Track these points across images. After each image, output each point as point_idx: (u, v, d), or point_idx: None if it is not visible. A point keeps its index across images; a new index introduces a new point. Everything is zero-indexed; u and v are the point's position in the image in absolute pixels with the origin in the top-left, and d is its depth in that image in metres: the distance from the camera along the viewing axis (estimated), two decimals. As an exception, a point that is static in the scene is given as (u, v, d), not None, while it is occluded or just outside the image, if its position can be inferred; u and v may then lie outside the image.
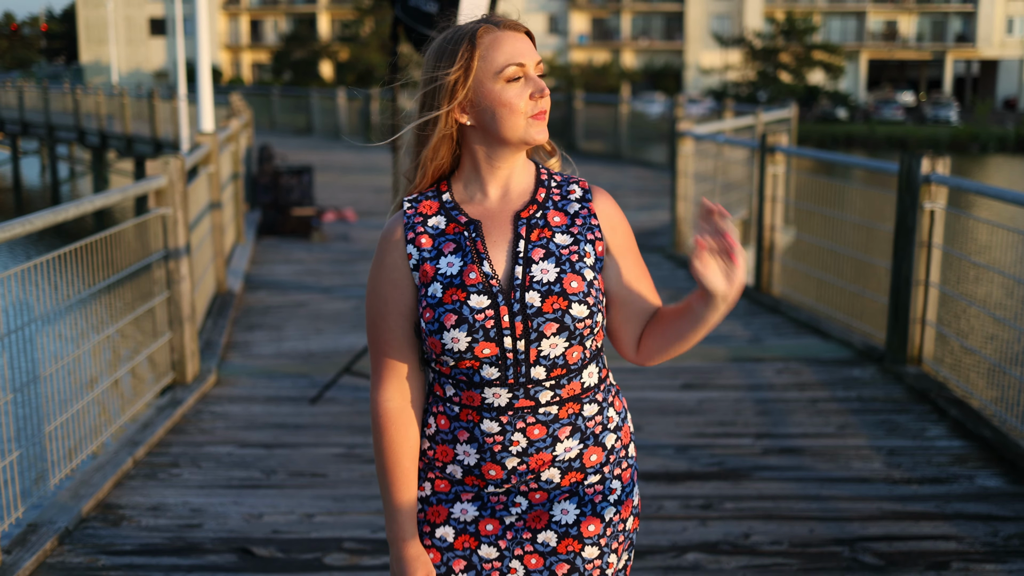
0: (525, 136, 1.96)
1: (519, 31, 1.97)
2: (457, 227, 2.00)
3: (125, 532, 4.20)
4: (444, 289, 1.94)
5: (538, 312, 1.92)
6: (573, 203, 2.04)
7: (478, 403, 1.96)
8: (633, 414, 5.59)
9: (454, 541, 2.03)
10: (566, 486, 2.01)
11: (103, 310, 5.14)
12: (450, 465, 2.02)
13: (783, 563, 3.91)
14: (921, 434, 5.29)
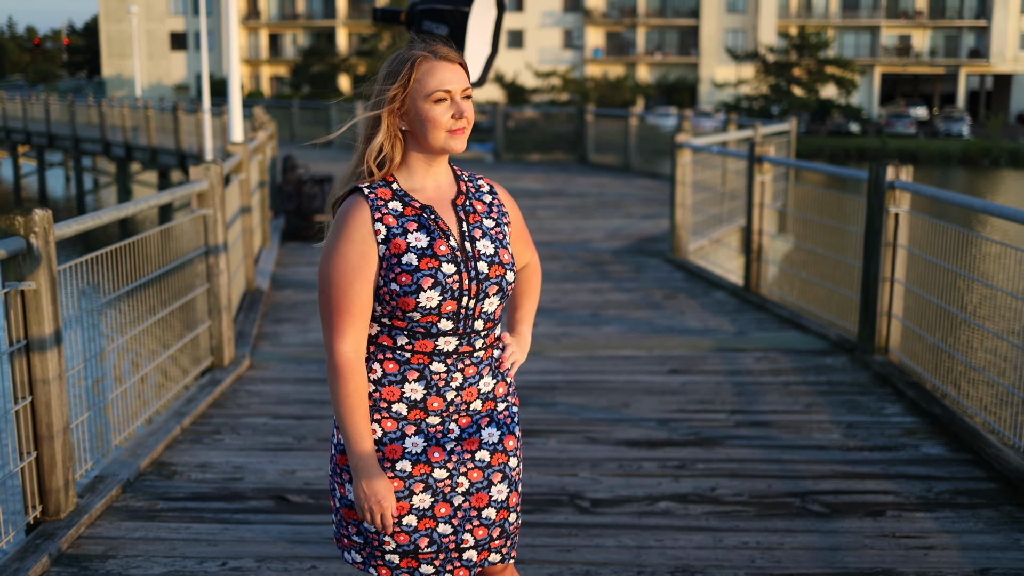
0: (444, 145, 2.53)
1: (453, 63, 2.53)
2: (413, 210, 2.53)
3: (177, 484, 4.89)
4: (419, 258, 2.48)
5: (486, 277, 2.53)
6: (486, 195, 2.66)
7: (430, 349, 2.52)
8: (622, 394, 6.26)
9: (412, 470, 2.55)
10: (484, 412, 2.61)
11: (155, 298, 5.83)
12: (395, 404, 2.54)
13: (742, 510, 4.56)
14: (879, 412, 5.94)
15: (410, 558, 2.59)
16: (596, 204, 16.11)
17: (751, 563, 4.07)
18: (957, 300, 6.27)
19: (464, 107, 2.52)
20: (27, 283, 4.16)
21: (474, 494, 2.61)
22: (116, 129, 32.79)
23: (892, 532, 4.35)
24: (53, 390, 4.27)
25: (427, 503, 2.56)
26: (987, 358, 5.73)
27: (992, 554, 4.14)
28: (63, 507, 4.39)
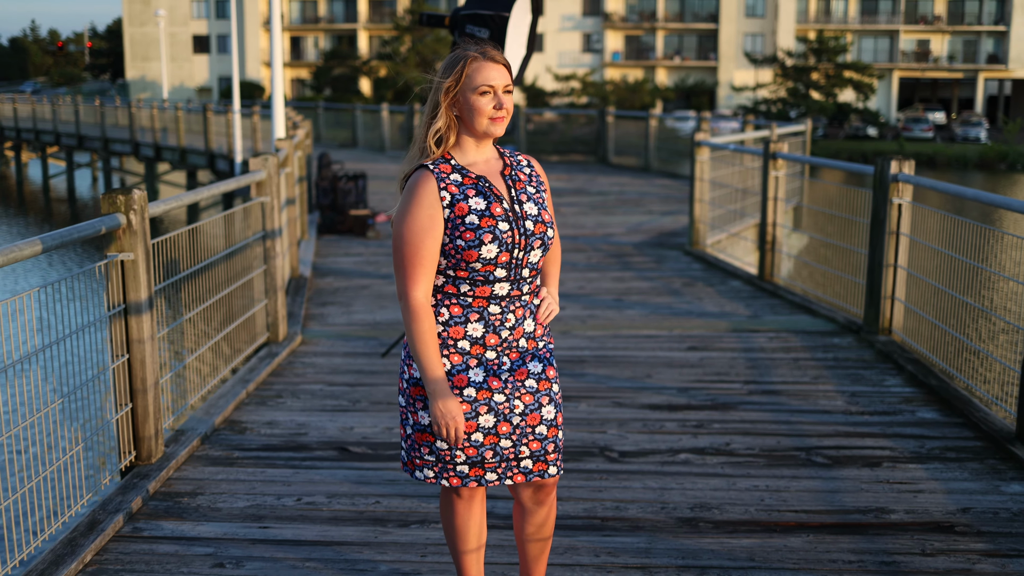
0: (487, 130, 3.07)
1: (497, 63, 3.07)
2: (470, 180, 3.07)
3: (249, 438, 5.49)
4: (479, 218, 3.02)
5: (532, 233, 3.09)
6: (525, 168, 3.20)
7: (488, 294, 3.08)
8: (645, 367, 6.83)
9: (476, 395, 3.08)
10: (529, 349, 3.18)
11: (220, 276, 6.43)
12: (460, 341, 3.08)
13: (753, 461, 5.13)
14: (880, 383, 6.49)
15: (477, 467, 3.13)
16: (617, 201, 16.68)
17: (760, 502, 4.63)
18: (957, 283, 6.80)
19: (504, 100, 3.06)
20: (126, 254, 4.76)
21: (528, 415, 3.14)
22: (145, 130, 33.52)
23: (886, 479, 4.90)
24: (147, 349, 4.87)
25: (491, 422, 3.10)
26: (983, 334, 6.26)
27: (973, 497, 4.70)
28: (154, 453, 4.99)
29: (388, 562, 4.04)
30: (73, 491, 4.45)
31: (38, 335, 4.35)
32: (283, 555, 4.10)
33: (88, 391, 4.93)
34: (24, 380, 4.31)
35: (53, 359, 4.48)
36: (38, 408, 4.27)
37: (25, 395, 4.35)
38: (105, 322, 4.82)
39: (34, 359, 4.24)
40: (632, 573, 3.95)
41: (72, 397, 4.67)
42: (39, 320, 4.16)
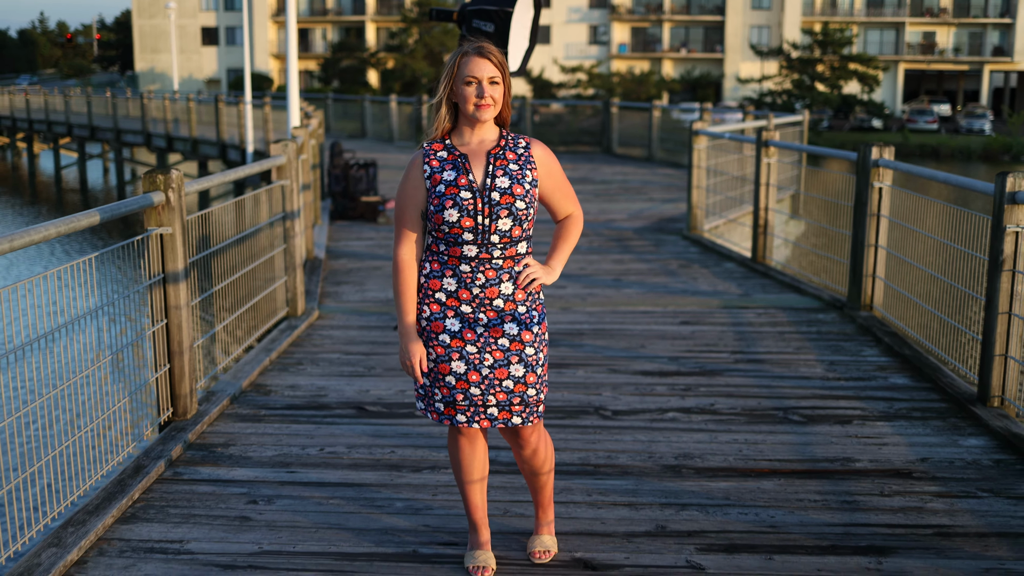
0: (474, 115, 3.54)
1: (484, 58, 3.52)
2: (452, 156, 3.58)
3: (274, 399, 5.99)
4: (446, 187, 3.52)
5: (497, 203, 3.52)
6: (520, 149, 3.63)
7: (459, 254, 3.54)
8: (639, 339, 7.32)
9: (450, 342, 3.57)
10: (507, 310, 3.58)
11: (244, 253, 6.93)
12: (438, 292, 3.58)
13: (734, 419, 5.62)
14: (857, 353, 6.98)
15: (450, 407, 3.64)
16: (620, 190, 17.16)
17: (739, 452, 5.12)
18: (934, 262, 7.26)
19: (488, 89, 3.52)
20: (165, 228, 5.26)
21: (496, 368, 3.59)
22: (157, 121, 34.04)
23: (855, 434, 5.39)
24: (183, 315, 5.37)
25: (462, 369, 3.58)
26: (953, 306, 6.73)
27: (933, 449, 5.18)
28: (189, 410, 5.50)
29: (403, 499, 4.54)
30: (119, 441, 4.95)
31: (69, 307, 4.84)
32: (309, 494, 4.60)
33: (129, 353, 5.43)
34: (74, 341, 4.81)
35: (88, 327, 4.98)
36: (85, 367, 4.77)
37: (72, 355, 4.85)
38: (145, 290, 5.31)
39: (79, 323, 4.74)
40: (620, 509, 4.45)
41: (116, 358, 5.16)
42: (78, 291, 4.65)
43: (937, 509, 4.46)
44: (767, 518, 4.36)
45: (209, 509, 4.45)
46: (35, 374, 4.38)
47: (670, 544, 4.11)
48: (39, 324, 4.39)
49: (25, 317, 4.33)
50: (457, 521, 4.31)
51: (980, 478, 4.81)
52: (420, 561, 3.97)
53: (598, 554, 4.03)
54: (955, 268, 6.73)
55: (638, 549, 4.07)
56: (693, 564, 3.95)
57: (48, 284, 4.43)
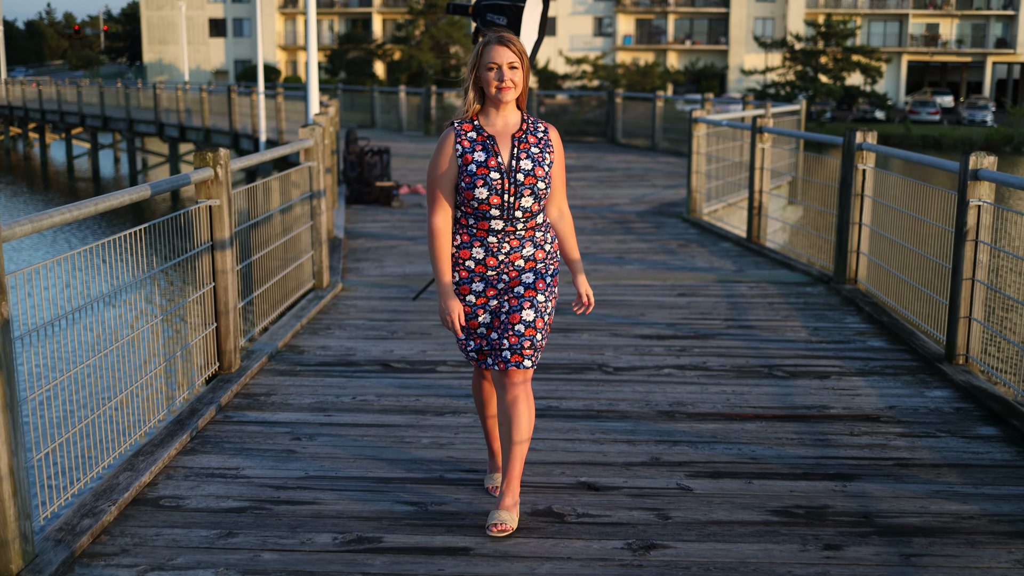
0: (496, 97, 3.93)
1: (504, 46, 3.89)
2: (482, 137, 3.97)
3: (307, 358, 6.61)
4: (477, 167, 3.92)
5: (521, 183, 3.95)
6: (540, 132, 4.04)
7: (486, 227, 3.98)
8: (640, 308, 7.94)
9: (476, 300, 4.04)
10: (527, 269, 4.04)
11: (276, 228, 7.54)
12: (467, 261, 4.01)
13: (724, 374, 6.23)
14: (840, 321, 7.58)
15: (480, 353, 4.13)
16: (623, 177, 17.77)
17: (726, 401, 5.74)
18: (911, 237, 7.85)
19: (508, 74, 3.91)
20: (213, 200, 5.87)
21: (511, 313, 4.02)
22: (170, 112, 34.65)
23: (832, 387, 6.00)
24: (229, 278, 5.99)
25: (488, 320, 4.08)
26: (927, 277, 7.33)
27: (900, 399, 5.79)
28: (233, 365, 6.12)
29: (428, 437, 5.16)
30: (174, 391, 5.58)
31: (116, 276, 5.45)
32: (345, 433, 5.22)
33: (181, 313, 6.05)
34: (139, 299, 5.43)
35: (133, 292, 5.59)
36: (147, 323, 5.39)
37: (136, 312, 5.47)
38: (198, 256, 5.93)
39: (137, 285, 5.35)
40: (619, 445, 5.06)
41: (170, 317, 5.78)
42: (132, 259, 5.27)
43: (899, 446, 5.08)
44: (749, 452, 4.98)
45: (258, 444, 5.07)
46: (103, 329, 4.99)
47: (663, 471, 4.73)
48: (104, 285, 5.00)
49: (92, 280, 4.95)
50: (477, 453, 4.93)
51: (940, 422, 5.42)
52: (446, 484, 4.59)
53: (600, 479, 4.65)
54: (932, 242, 7.33)
55: (635, 475, 4.69)
56: (682, 486, 4.56)
57: (107, 250, 5.02)
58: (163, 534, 4.10)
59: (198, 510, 4.33)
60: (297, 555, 3.91)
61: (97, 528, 4.07)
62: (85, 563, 3.86)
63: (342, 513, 4.28)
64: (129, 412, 5.10)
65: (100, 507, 4.23)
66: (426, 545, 4.00)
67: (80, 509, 4.21)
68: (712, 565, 3.84)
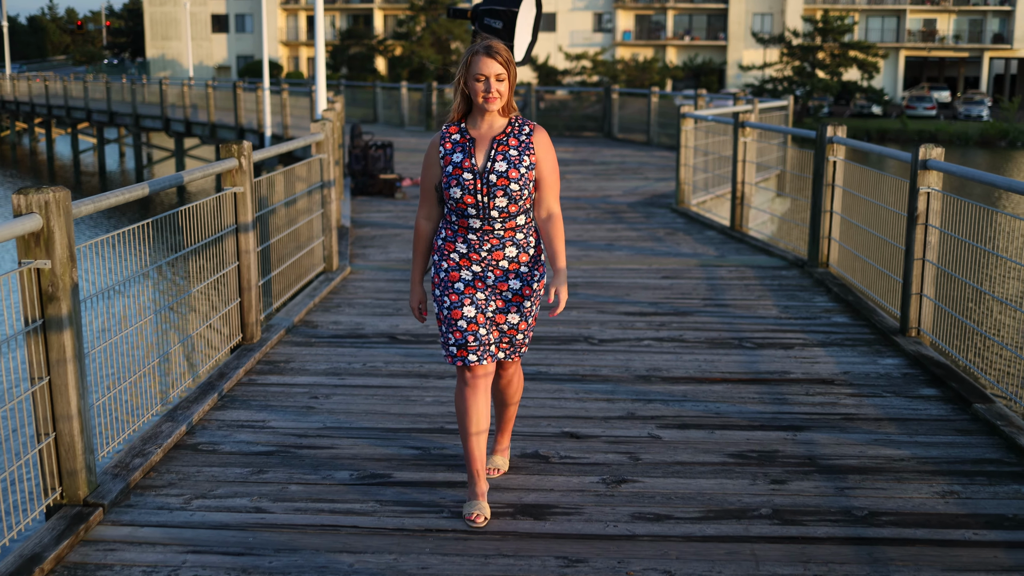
0: (483, 106, 4.06)
1: (492, 57, 4.00)
2: (464, 139, 4.12)
3: (320, 331, 7.28)
4: (453, 168, 4.08)
5: (494, 184, 4.06)
6: (523, 136, 4.14)
7: (466, 225, 4.12)
8: (625, 289, 8.60)
9: (464, 289, 4.15)
10: (511, 270, 4.16)
11: (289, 215, 8.20)
12: (453, 253, 4.15)
13: (697, 345, 6.90)
14: (809, 300, 8.25)
15: (462, 349, 4.18)
16: (617, 170, 18.43)
17: (698, 367, 6.40)
18: (878, 225, 8.50)
19: (495, 85, 4.03)
20: (237, 188, 6.53)
21: (498, 314, 4.22)
22: (176, 107, 35.29)
23: (794, 356, 6.67)
24: (252, 258, 6.66)
25: (472, 313, 4.16)
26: (887, 259, 7.98)
27: (855, 366, 6.46)
28: (255, 336, 6.79)
29: (431, 396, 5.83)
30: (202, 358, 6.24)
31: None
32: (357, 392, 5.89)
33: (211, 287, 6.71)
34: (174, 273, 6.09)
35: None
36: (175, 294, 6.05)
37: (165, 287, 6.12)
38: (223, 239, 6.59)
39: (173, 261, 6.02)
40: (599, 403, 5.73)
41: (198, 293, 6.43)
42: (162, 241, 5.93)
43: (847, 404, 5.74)
44: (714, 408, 5.64)
45: (281, 402, 5.74)
46: (135, 301, 5.66)
47: (637, 424, 5.40)
48: (145, 261, 5.66)
49: (132, 255, 5.60)
50: (474, 409, 5.60)
51: (887, 385, 6.09)
52: (446, 433, 5.26)
53: (581, 429, 5.31)
54: (895, 227, 7.98)
55: (612, 427, 5.35)
56: (653, 435, 5.23)
57: (147, 231, 5.67)
58: (203, 471, 4.77)
59: (231, 453, 5.00)
60: (320, 487, 4.58)
61: (146, 466, 4.74)
62: (139, 493, 4.53)
63: (357, 456, 4.95)
64: (166, 374, 5.77)
65: (147, 450, 4.90)
66: (429, 480, 4.67)
67: (130, 451, 4.88)
68: (674, 495, 4.51)
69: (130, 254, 5.35)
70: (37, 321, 4.15)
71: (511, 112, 4.20)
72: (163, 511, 4.35)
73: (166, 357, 5.72)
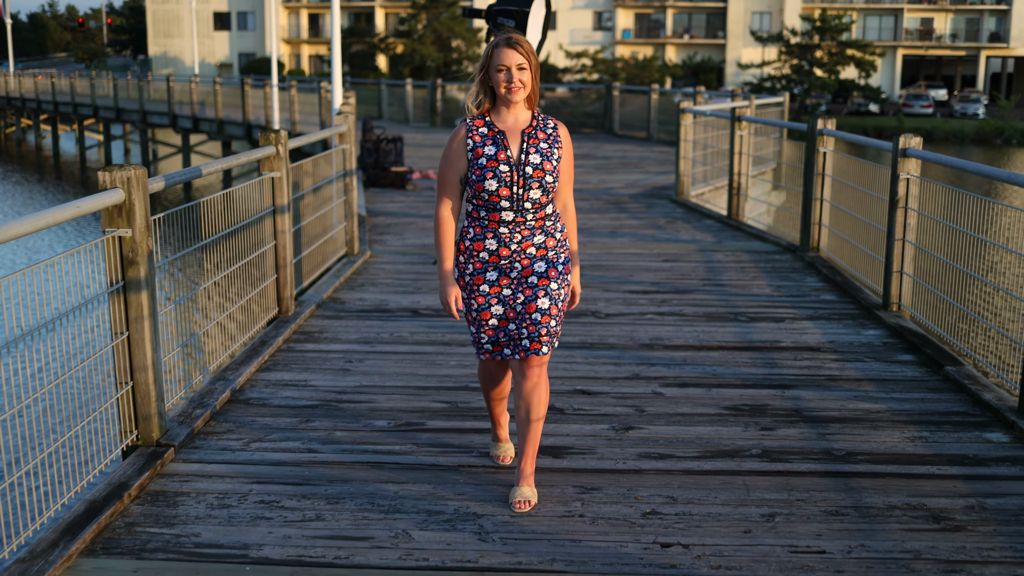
0: (505, 96, 4.08)
1: (513, 48, 4.01)
2: (493, 133, 4.11)
3: (348, 307, 7.88)
4: (487, 160, 4.06)
5: (530, 176, 4.08)
6: (549, 129, 4.17)
7: (498, 218, 4.11)
8: (628, 271, 9.21)
9: (489, 290, 4.16)
10: (539, 256, 4.15)
11: (315, 202, 8.80)
12: (481, 252, 4.14)
13: (696, 319, 7.50)
14: (800, 281, 8.85)
15: (496, 345, 4.26)
16: (619, 164, 19.04)
17: (697, 337, 7.01)
18: (866, 211, 9.10)
19: (515, 75, 4.06)
20: (275, 173, 7.13)
21: (528, 303, 4.17)
22: (183, 104, 35.86)
23: (785, 328, 7.28)
24: (287, 237, 7.26)
25: (501, 311, 4.20)
26: (871, 241, 8.60)
27: (840, 335, 7.07)
28: (289, 310, 7.39)
29: (455, 360, 6.43)
30: (242, 330, 6.84)
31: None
32: (387, 358, 6.50)
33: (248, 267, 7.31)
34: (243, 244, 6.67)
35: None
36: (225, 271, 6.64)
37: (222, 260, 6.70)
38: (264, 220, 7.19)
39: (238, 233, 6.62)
40: (607, 366, 6.34)
41: (240, 268, 7.03)
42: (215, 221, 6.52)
43: (832, 367, 6.35)
44: (711, 371, 6.25)
45: (319, 365, 6.35)
46: (188, 274, 6.24)
47: (641, 383, 6.00)
48: (203, 234, 6.25)
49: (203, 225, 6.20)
50: (494, 371, 6.20)
51: (869, 352, 6.70)
52: (471, 390, 5.86)
53: (592, 387, 5.92)
54: (879, 212, 8.59)
55: (619, 385, 5.96)
56: (656, 392, 5.84)
57: (210, 207, 6.24)
58: (256, 421, 5.38)
59: (280, 407, 5.60)
60: (362, 433, 5.19)
61: (207, 416, 5.35)
62: (203, 437, 5.13)
63: (392, 408, 5.56)
64: (216, 342, 6.37)
65: (206, 402, 5.51)
66: (459, 427, 5.28)
67: (191, 403, 5.49)
68: (675, 439, 5.11)
69: (184, 231, 5.95)
70: (118, 283, 4.75)
71: (534, 106, 4.21)
72: (226, 451, 4.96)
73: (218, 323, 6.32)
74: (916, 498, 4.44)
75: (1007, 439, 5.15)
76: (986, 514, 4.29)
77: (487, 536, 4.07)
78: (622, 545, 4.00)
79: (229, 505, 4.36)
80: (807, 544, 4.02)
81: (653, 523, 4.19)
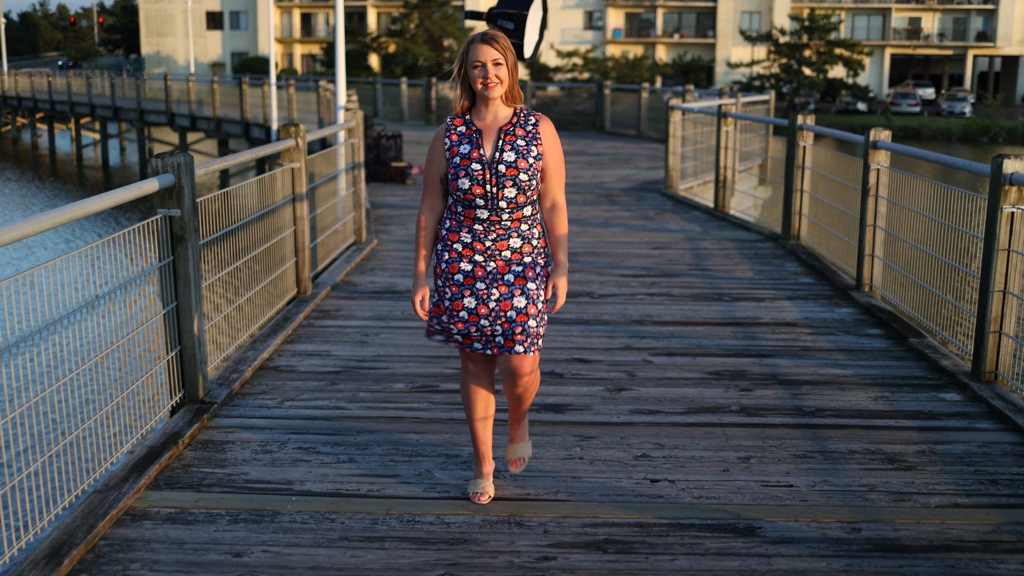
0: (482, 93, 4.02)
1: (488, 44, 3.95)
2: (470, 131, 4.08)
3: (359, 289, 8.48)
4: (461, 159, 4.03)
5: (503, 175, 4.02)
6: (529, 126, 4.09)
7: (473, 215, 4.05)
8: (620, 257, 9.83)
9: (463, 280, 4.07)
10: (514, 260, 4.07)
11: (325, 192, 9.40)
12: (456, 243, 4.08)
13: (682, 299, 8.12)
14: (781, 266, 9.48)
15: (466, 338, 4.16)
16: (610, 160, 19.67)
17: (683, 315, 7.62)
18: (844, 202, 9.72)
19: (491, 71, 3.99)
20: (294, 164, 7.73)
21: (502, 301, 4.07)
22: (181, 102, 36.39)
23: (764, 306, 7.90)
24: (305, 223, 7.86)
25: (472, 304, 4.09)
26: (847, 228, 9.23)
27: (815, 313, 7.69)
28: (307, 291, 7.99)
29: (462, 334, 7.03)
30: (265, 308, 7.44)
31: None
32: (401, 332, 7.10)
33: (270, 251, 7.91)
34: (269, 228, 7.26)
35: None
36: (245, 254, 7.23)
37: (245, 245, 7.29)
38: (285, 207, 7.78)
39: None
40: (601, 339, 6.95)
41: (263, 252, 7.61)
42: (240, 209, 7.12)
43: (806, 339, 6.98)
44: (695, 343, 6.87)
45: (339, 338, 6.95)
46: (219, 252, 6.83)
47: (632, 352, 6.62)
48: (240, 213, 6.85)
49: (236, 210, 6.79)
50: (499, 343, 6.81)
51: (840, 327, 7.33)
52: (478, 359, 6.46)
53: (587, 356, 6.54)
54: (854, 201, 9.21)
55: (612, 355, 6.57)
56: (646, 360, 6.45)
57: (250, 190, 6.81)
58: (287, 384, 5.98)
59: (307, 372, 6.21)
60: (383, 393, 5.80)
61: (242, 380, 5.95)
62: (240, 398, 5.74)
63: (409, 373, 6.17)
64: (243, 318, 6.97)
65: (240, 368, 6.11)
66: (469, 389, 5.88)
67: (227, 369, 6.09)
68: (663, 398, 5.73)
69: (219, 215, 6.54)
70: (169, 258, 5.35)
71: (516, 102, 4.14)
72: (263, 408, 5.57)
73: (249, 299, 6.91)
74: (875, 444, 5.07)
75: (960, 398, 5.78)
76: (935, 457, 4.92)
77: (499, 474, 4.69)
78: (616, 480, 4.62)
79: (271, 451, 4.97)
80: (777, 480, 4.64)
81: (643, 464, 4.81)
